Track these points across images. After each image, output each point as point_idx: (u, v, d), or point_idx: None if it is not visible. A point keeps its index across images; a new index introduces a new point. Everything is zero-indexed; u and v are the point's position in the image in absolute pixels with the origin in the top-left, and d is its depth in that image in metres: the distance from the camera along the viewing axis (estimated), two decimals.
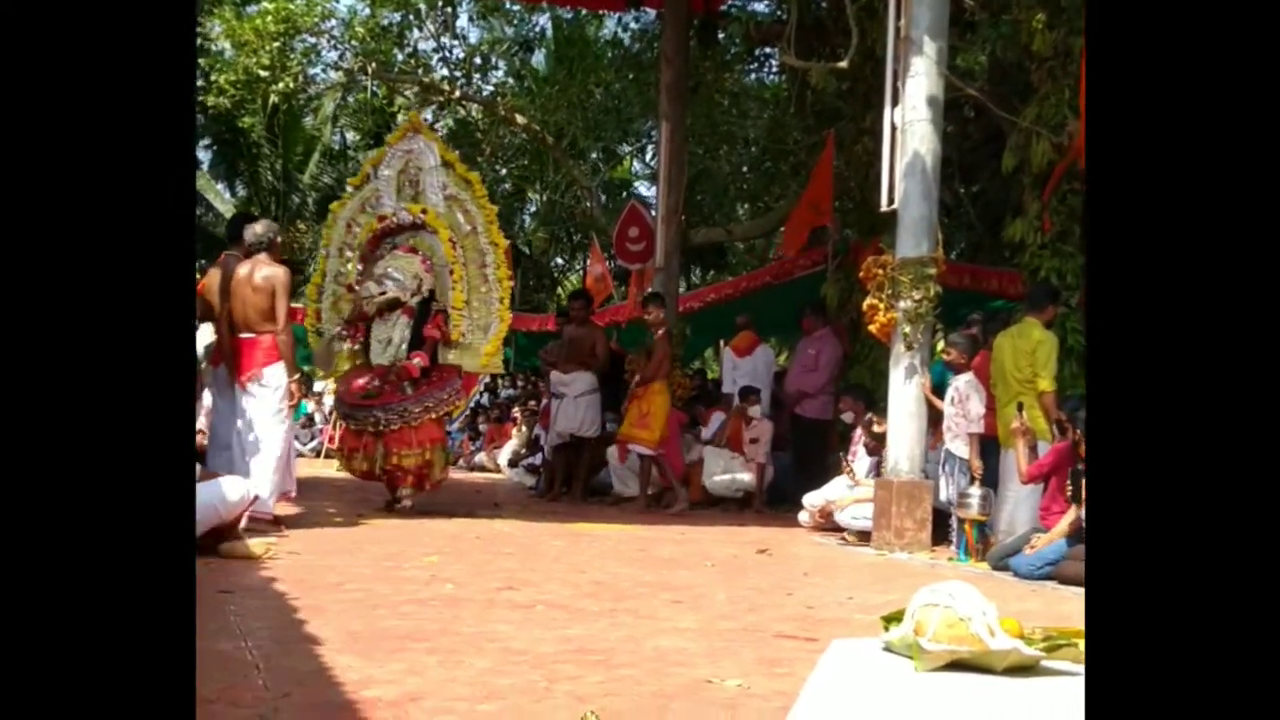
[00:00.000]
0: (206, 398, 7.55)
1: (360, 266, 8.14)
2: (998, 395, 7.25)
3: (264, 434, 6.66)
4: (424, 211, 8.15)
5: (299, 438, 14.27)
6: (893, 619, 2.07)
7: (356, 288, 8.02)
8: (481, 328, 8.18)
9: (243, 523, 5.69)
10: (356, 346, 8.09)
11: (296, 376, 7.02)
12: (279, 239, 7.13)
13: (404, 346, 7.90)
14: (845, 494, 8.12)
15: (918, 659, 1.91)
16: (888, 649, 2.04)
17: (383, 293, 7.91)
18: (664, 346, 9.60)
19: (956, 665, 1.90)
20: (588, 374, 10.10)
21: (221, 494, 5.39)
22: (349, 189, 8.83)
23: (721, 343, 14.51)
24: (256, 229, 6.99)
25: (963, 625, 1.88)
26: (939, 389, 7.58)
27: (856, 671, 2.01)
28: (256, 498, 6.07)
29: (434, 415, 7.93)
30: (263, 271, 6.74)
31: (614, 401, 10.58)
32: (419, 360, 7.84)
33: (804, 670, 2.23)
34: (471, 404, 8.79)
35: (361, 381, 7.94)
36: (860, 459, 8.48)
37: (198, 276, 7.31)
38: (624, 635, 3.85)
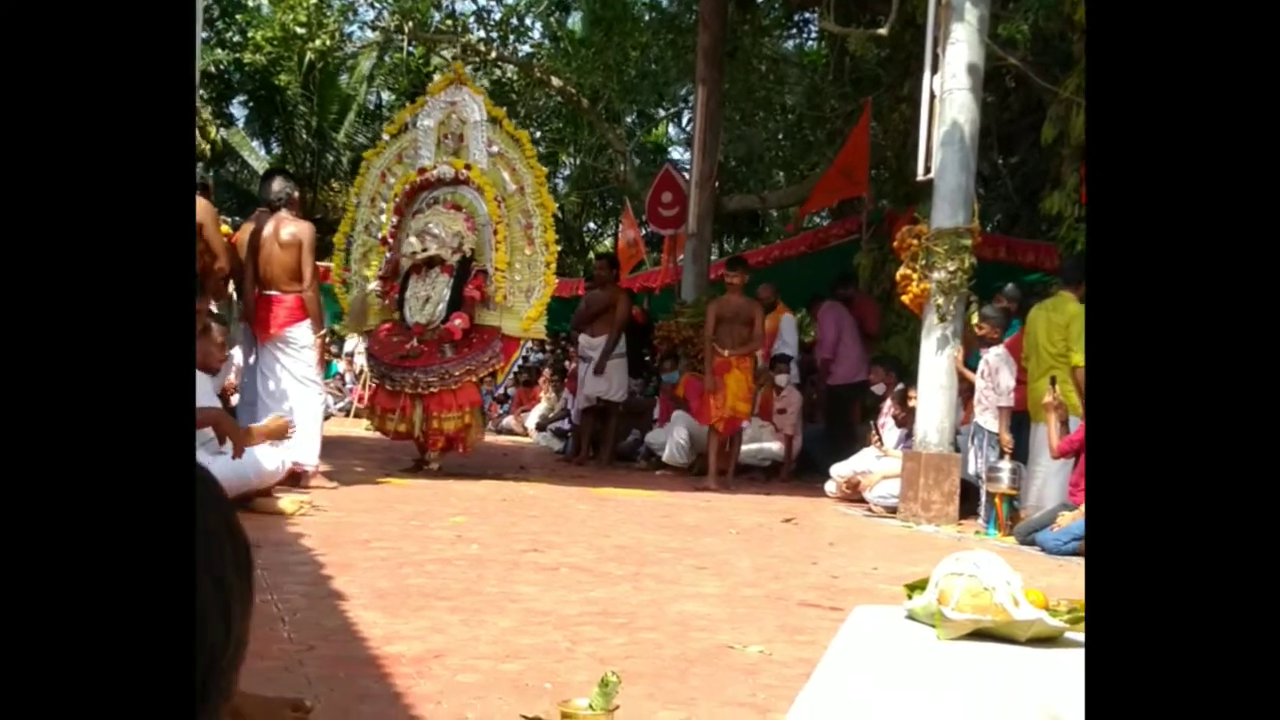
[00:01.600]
0: (238, 354, 7.60)
1: (395, 219, 8.05)
2: (1030, 369, 7.18)
3: (299, 398, 6.68)
4: (468, 167, 8.01)
5: (331, 396, 14.34)
6: (916, 587, 2.06)
7: (390, 240, 7.95)
8: (523, 291, 8.03)
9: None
10: (388, 302, 8.00)
11: (324, 332, 6.99)
12: (296, 194, 7.09)
13: (443, 306, 7.79)
14: (873, 465, 8.07)
15: (940, 627, 1.90)
16: (911, 617, 2.03)
17: (425, 249, 7.81)
18: (763, 317, 9.40)
19: (979, 635, 1.88)
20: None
21: (257, 464, 5.47)
22: (385, 138, 8.74)
23: None
24: (274, 185, 6.96)
25: (987, 595, 1.87)
26: (973, 364, 7.52)
27: (878, 638, 2.00)
28: (294, 469, 6.19)
29: (474, 378, 7.84)
30: (288, 228, 6.75)
31: (636, 367, 10.52)
32: (460, 322, 7.69)
33: (826, 639, 2.23)
34: (514, 368, 8.66)
35: (392, 336, 7.89)
36: (889, 429, 8.44)
37: (231, 231, 7.33)
38: (647, 599, 3.86)
